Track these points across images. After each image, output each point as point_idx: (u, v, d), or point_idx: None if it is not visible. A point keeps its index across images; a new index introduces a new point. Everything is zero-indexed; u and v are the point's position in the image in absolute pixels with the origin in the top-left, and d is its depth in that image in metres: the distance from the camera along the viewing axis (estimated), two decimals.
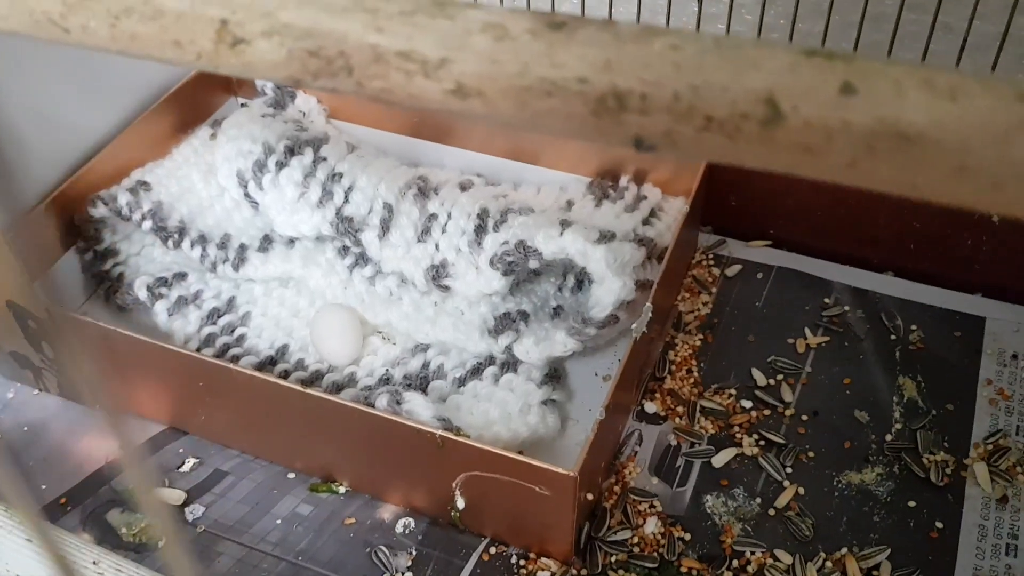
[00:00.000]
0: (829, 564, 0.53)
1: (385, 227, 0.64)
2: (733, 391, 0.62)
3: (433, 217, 0.65)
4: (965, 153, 0.17)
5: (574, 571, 0.53)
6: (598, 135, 0.20)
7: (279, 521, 0.56)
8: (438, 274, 0.62)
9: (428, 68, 0.20)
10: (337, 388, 0.60)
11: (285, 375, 0.61)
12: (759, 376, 0.63)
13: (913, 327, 0.66)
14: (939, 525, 0.55)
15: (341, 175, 0.66)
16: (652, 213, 0.68)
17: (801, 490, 0.57)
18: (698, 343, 0.66)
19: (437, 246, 0.64)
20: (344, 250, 0.66)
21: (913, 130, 0.17)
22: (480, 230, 0.63)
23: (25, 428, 0.62)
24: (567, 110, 0.20)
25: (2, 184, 0.19)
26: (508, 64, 0.20)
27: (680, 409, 0.61)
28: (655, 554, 0.54)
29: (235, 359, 0.61)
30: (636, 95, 0.19)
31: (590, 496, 0.54)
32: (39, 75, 0.63)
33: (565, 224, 0.59)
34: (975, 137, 0.17)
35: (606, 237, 0.59)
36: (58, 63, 0.64)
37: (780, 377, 0.63)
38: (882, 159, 0.18)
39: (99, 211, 0.66)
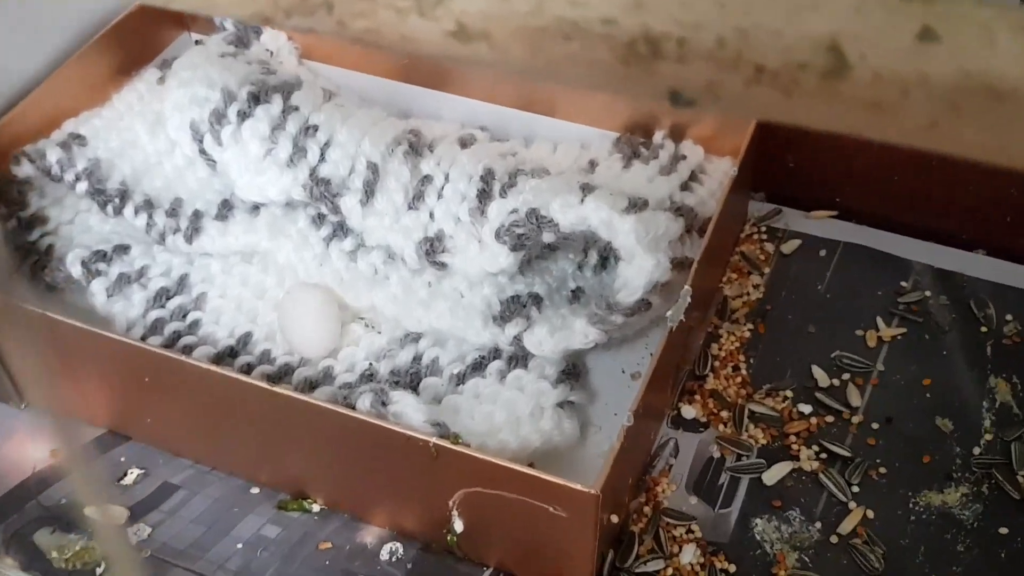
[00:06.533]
0: None
1: (369, 191, 0.64)
2: (789, 393, 0.63)
3: (427, 179, 0.65)
4: None
5: None
6: (626, 87, 0.20)
7: (240, 545, 0.57)
8: (433, 248, 0.63)
9: (424, 5, 0.21)
10: (310, 385, 0.61)
11: (248, 369, 0.61)
12: (820, 375, 0.63)
13: (1008, 317, 0.66)
14: None
15: (316, 128, 0.66)
16: (692, 176, 0.68)
17: (870, 513, 0.57)
18: (747, 334, 0.66)
19: (432, 215, 0.64)
20: (319, 218, 0.66)
21: (1005, 84, 0.18)
22: (484, 195, 0.63)
23: None
24: (589, 57, 0.20)
25: None
26: (519, 1, 0.20)
27: (724, 414, 0.62)
28: None
29: (187, 350, 0.62)
30: (672, 39, 0.19)
31: (615, 518, 0.55)
32: None
33: (587, 189, 0.60)
34: None
35: (636, 205, 0.59)
36: None
37: (846, 376, 0.63)
38: (967, 118, 0.18)
39: (24, 170, 0.66)
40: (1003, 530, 0.57)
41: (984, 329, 0.65)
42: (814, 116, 0.19)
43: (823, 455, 0.60)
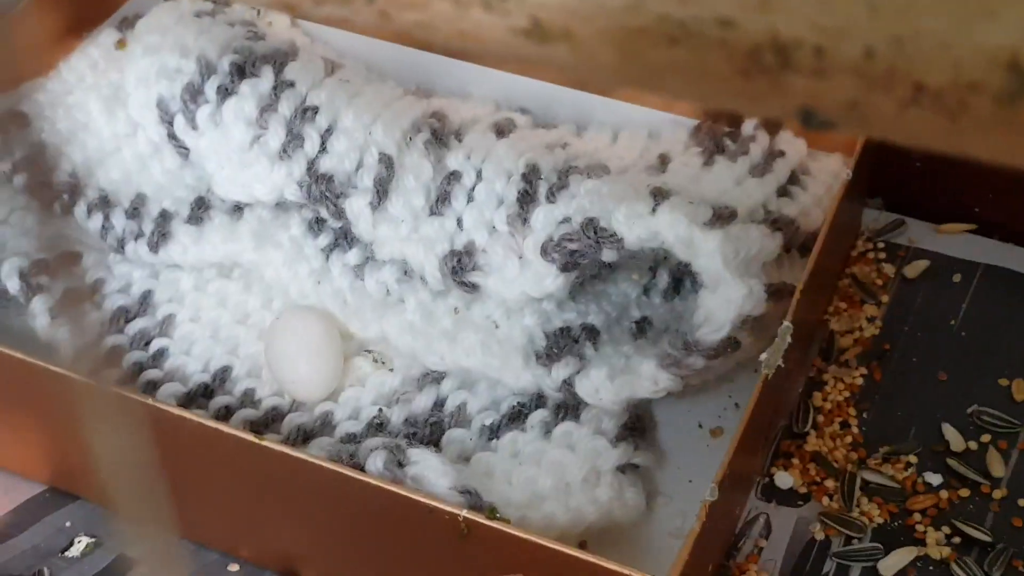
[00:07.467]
0: None
1: (381, 191, 0.65)
2: (912, 458, 0.62)
3: (454, 177, 0.65)
4: None
5: None
6: (747, 102, 0.20)
7: None
8: (461, 265, 0.63)
9: None
10: (304, 436, 0.61)
11: (226, 414, 0.62)
12: (953, 436, 0.63)
13: None
14: None
15: (316, 110, 0.66)
16: (792, 178, 0.68)
17: None
18: (859, 381, 0.66)
19: (460, 222, 0.64)
20: (318, 224, 0.67)
21: None
22: (526, 199, 0.63)
23: None
24: (700, 66, 0.20)
25: None
26: None
27: (830, 483, 0.62)
28: None
29: (151, 387, 0.62)
30: (808, 48, 0.19)
31: None
32: None
33: (660, 195, 0.59)
34: None
35: (722, 217, 0.59)
36: None
37: (986, 438, 0.63)
38: None
39: None
40: None
41: None
42: (986, 148, 0.19)
43: (956, 539, 0.59)
